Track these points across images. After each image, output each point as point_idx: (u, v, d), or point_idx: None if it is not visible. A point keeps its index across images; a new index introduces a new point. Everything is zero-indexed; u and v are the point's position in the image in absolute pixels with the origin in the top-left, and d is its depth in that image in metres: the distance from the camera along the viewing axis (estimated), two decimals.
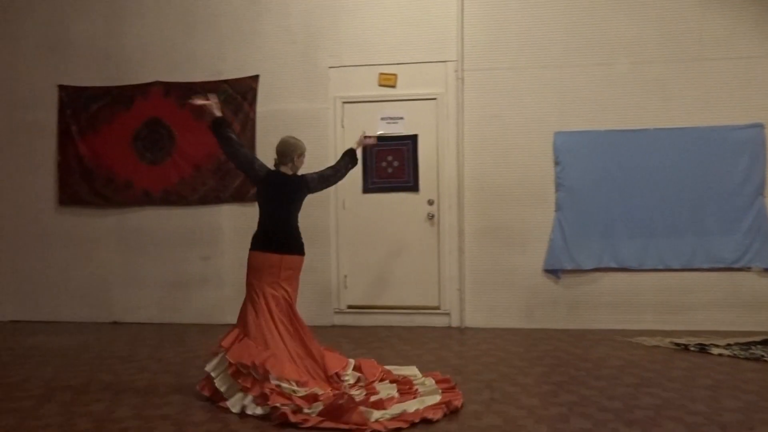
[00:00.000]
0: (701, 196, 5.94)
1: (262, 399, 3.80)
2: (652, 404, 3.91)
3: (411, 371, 4.41)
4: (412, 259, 6.32)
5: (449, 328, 6.25)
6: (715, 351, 5.14)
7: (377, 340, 5.78)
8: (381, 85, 6.36)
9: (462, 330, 6.18)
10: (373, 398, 3.86)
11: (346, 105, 6.40)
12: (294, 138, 4.41)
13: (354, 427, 3.50)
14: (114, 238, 6.77)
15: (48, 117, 6.82)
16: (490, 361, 5.01)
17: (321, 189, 4.48)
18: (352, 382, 4.16)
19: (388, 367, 4.45)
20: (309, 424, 3.57)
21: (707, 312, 5.97)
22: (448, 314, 6.30)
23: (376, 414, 3.61)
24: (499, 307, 6.23)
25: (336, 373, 4.14)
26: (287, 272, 4.21)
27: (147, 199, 6.68)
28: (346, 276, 6.43)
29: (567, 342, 5.59)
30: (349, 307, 6.45)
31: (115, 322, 6.74)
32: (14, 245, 6.92)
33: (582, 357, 5.08)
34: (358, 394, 3.94)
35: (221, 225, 6.59)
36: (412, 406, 3.75)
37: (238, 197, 6.52)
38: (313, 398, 3.78)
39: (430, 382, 4.18)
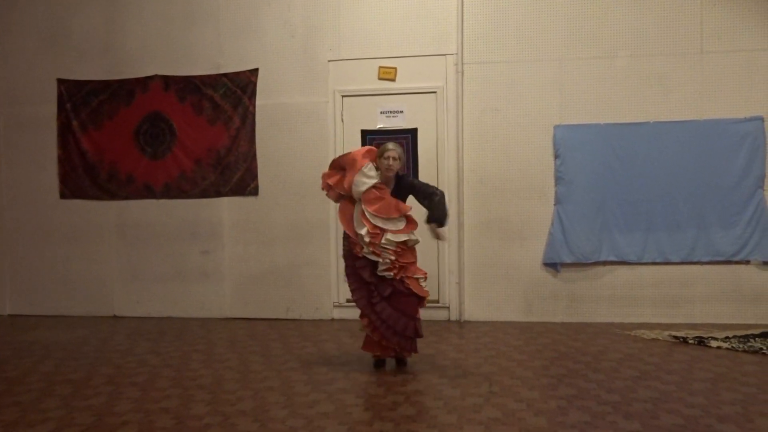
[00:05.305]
0: (701, 189, 5.94)
1: None
2: (650, 397, 3.92)
3: None
4: None
5: (448, 321, 6.26)
6: (714, 344, 5.15)
7: None
8: (381, 79, 6.35)
9: (461, 323, 6.19)
10: None
11: (346, 98, 6.39)
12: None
13: None
14: (114, 233, 6.78)
15: (48, 111, 6.81)
16: (489, 354, 5.03)
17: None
18: None
19: None
20: None
21: (706, 305, 5.98)
22: (447, 308, 6.31)
23: None
24: (498, 301, 6.24)
25: None
26: None
27: (148, 193, 6.68)
28: None
29: (566, 335, 5.60)
30: (348, 300, 6.40)
31: (115, 316, 6.76)
32: (15, 239, 6.93)
33: (581, 350, 5.09)
34: None
35: (221, 219, 6.59)
36: None
37: (238, 191, 6.52)
38: None
39: None
